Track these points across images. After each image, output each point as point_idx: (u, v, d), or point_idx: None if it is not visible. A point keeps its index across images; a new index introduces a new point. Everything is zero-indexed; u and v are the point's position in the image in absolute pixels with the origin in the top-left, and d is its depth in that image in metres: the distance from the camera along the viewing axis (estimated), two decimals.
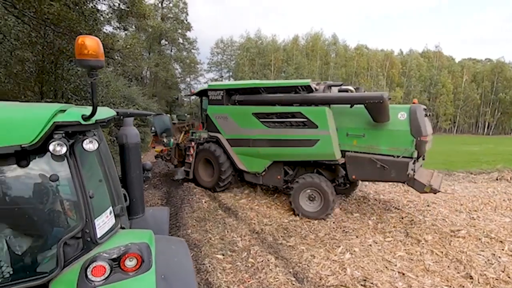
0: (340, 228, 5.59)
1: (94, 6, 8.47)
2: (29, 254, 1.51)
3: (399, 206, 6.88)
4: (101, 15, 8.91)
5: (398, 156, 5.50)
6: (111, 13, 9.88)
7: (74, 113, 1.46)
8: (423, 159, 6.26)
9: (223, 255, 4.48)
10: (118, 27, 12.18)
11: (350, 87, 6.71)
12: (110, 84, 12.33)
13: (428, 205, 6.95)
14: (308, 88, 6.14)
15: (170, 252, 1.91)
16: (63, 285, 1.43)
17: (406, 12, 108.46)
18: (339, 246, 4.76)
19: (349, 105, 5.79)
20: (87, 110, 1.53)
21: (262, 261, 4.26)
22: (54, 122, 1.34)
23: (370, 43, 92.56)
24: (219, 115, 7.29)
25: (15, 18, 7.53)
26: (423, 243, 4.88)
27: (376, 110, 5.44)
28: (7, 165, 1.38)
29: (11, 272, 1.44)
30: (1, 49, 8.20)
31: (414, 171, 5.40)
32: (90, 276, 1.43)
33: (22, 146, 1.27)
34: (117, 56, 10.85)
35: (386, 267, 4.14)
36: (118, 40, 11.75)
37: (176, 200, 7.11)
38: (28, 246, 1.51)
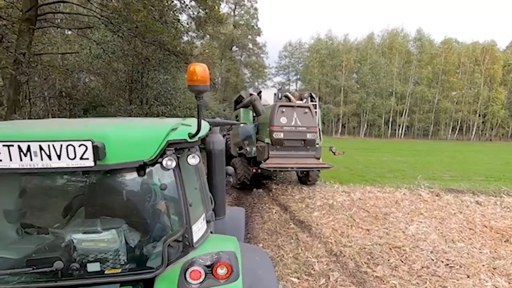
0: (442, 261, 4.51)
1: (176, 15, 9.06)
2: (141, 250, 1.74)
3: None
4: (181, 24, 9.53)
5: (266, 143, 7.59)
6: (190, 22, 10.55)
7: (183, 131, 1.64)
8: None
9: (298, 278, 3.98)
10: (195, 36, 12.95)
11: (289, 94, 9.01)
12: (187, 90, 13.14)
13: None
14: (241, 98, 9.35)
15: (254, 264, 1.98)
16: (166, 282, 1.63)
17: None
18: (446, 287, 3.78)
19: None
20: (192, 128, 1.68)
21: None
22: (168, 140, 1.52)
23: (460, 36, 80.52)
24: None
25: (111, 33, 8.51)
26: None
27: (252, 109, 8.08)
28: (129, 174, 1.66)
29: (126, 263, 1.67)
30: (100, 62, 9.41)
31: (269, 154, 7.40)
32: (188, 279, 1.61)
33: (144, 161, 1.48)
34: (195, 62, 11.65)
35: None
36: (197, 47, 12.49)
37: (246, 207, 6.94)
38: (139, 242, 1.74)
